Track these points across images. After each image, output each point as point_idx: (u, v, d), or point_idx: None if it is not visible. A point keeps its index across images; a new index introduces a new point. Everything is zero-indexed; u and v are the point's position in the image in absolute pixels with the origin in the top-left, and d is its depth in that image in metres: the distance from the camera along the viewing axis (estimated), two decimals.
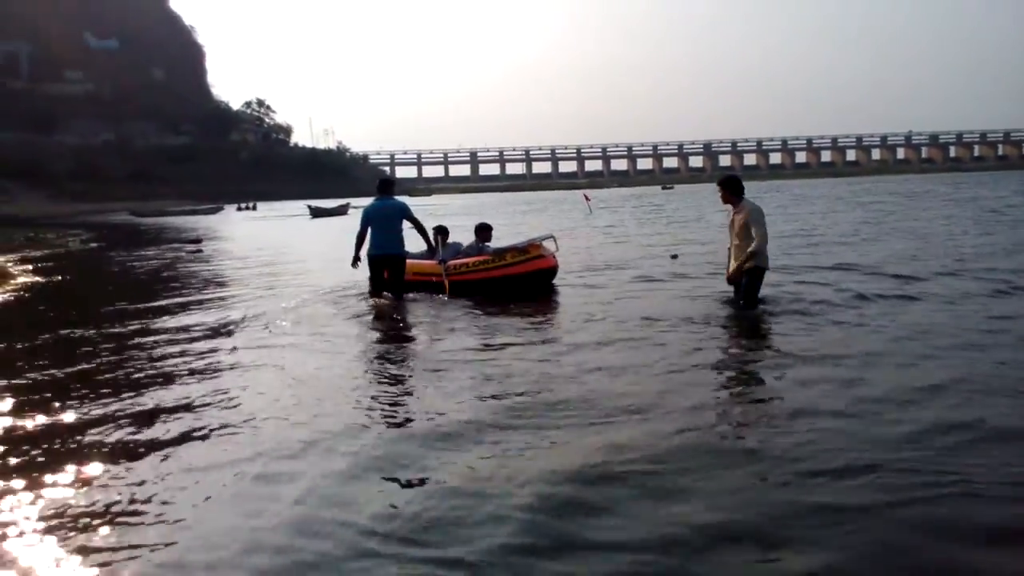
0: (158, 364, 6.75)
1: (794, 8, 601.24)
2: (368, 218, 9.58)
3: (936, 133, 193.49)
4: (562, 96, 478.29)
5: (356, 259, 9.59)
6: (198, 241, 26.16)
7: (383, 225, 9.50)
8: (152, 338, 7.95)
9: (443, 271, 9.78)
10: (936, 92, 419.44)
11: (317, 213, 49.19)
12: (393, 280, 9.55)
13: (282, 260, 17.73)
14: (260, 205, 77.84)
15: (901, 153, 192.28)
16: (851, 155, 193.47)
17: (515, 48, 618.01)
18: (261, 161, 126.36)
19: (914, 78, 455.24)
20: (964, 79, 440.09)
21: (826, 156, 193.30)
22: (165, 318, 9.34)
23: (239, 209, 70.74)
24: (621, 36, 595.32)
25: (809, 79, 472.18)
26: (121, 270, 17.76)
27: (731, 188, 7.84)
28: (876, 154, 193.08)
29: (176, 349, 7.33)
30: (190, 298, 11.21)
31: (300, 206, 58.30)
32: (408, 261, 9.81)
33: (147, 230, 39.48)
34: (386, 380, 6.07)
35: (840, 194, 47.75)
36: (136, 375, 6.37)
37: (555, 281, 10.26)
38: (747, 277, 7.76)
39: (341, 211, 51.70)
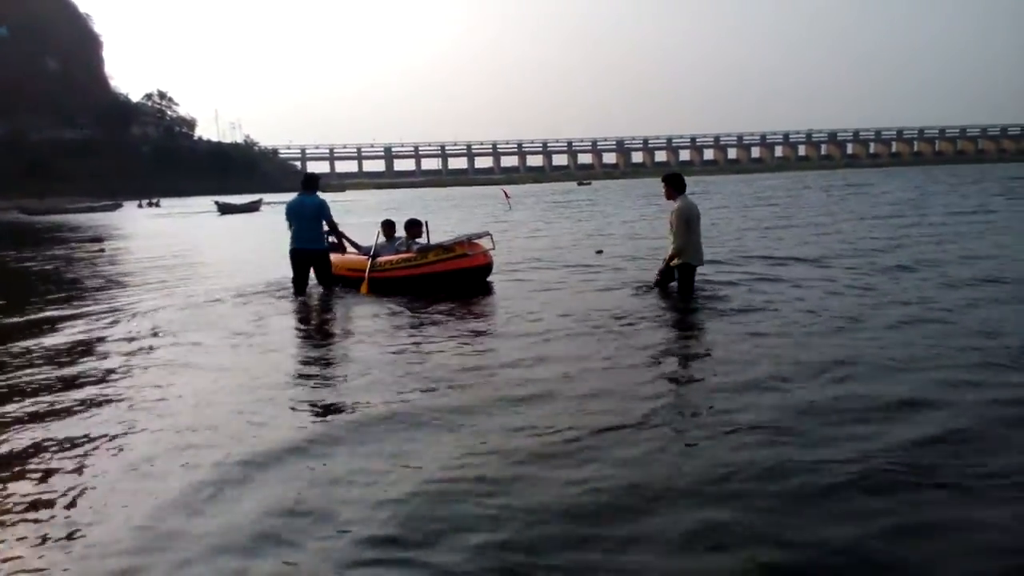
0: (62, 368, 6.41)
1: (699, 7, 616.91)
2: (288, 213, 9.85)
3: (834, 131, 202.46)
4: (476, 91, 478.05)
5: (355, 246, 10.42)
6: (99, 240, 24.96)
7: (299, 221, 9.71)
8: (52, 342, 7.55)
9: (368, 267, 9.83)
10: (835, 91, 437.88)
11: (226, 210, 47.68)
12: (318, 274, 9.84)
13: (192, 259, 16.97)
14: (164, 201, 75.08)
15: (802, 150, 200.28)
16: (756, 152, 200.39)
17: (428, 39, 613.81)
18: (164, 155, 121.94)
19: (816, 78, 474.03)
20: (864, 78, 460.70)
21: (732, 153, 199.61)
22: (68, 322, 8.78)
23: (140, 206, 68.01)
24: (533, 29, 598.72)
25: (715, 78, 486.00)
26: (16, 273, 16.63)
27: (673, 184, 8.29)
28: (779, 151, 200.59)
29: (81, 351, 7.10)
30: (92, 300, 10.62)
31: (207, 202, 56.45)
32: (342, 256, 10.29)
33: (43, 229, 37.34)
34: (287, 377, 5.91)
35: (743, 191, 49.23)
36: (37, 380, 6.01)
37: (489, 278, 10.12)
38: (679, 272, 8.22)
39: (252, 207, 50.28)
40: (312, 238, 9.71)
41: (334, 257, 10.30)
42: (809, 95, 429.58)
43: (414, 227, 10.51)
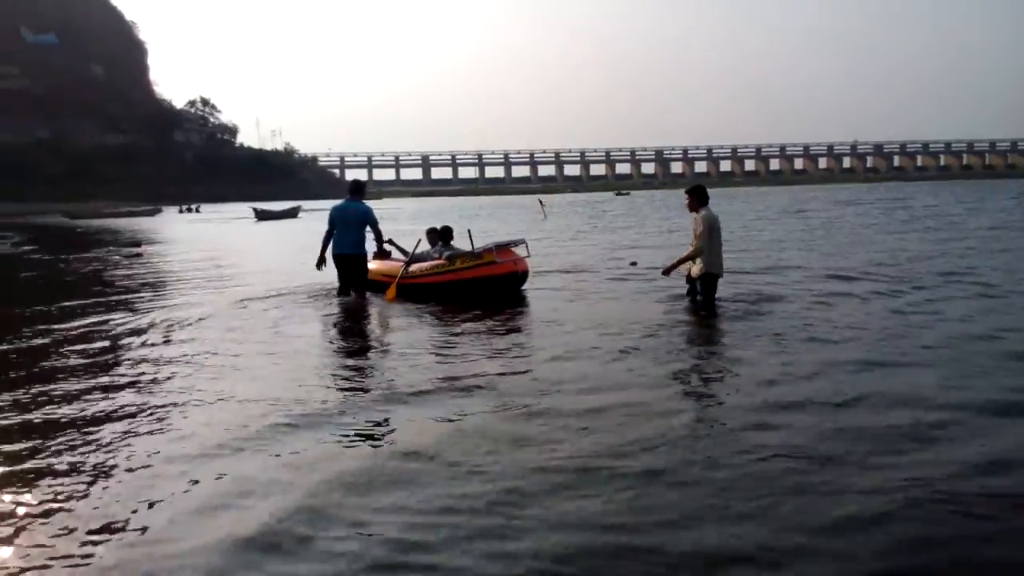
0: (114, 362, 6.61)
1: (747, 16, 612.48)
2: (332, 219, 9.85)
3: (880, 143, 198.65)
4: (513, 99, 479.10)
5: (321, 259, 9.82)
6: (138, 244, 24.73)
7: (343, 226, 9.76)
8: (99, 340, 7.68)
9: (400, 273, 9.91)
10: (882, 103, 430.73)
11: (263, 216, 47.60)
12: (355, 279, 9.86)
13: (226, 263, 16.55)
14: (204, 207, 75.59)
15: (847, 162, 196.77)
16: (799, 164, 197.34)
17: (465, 46, 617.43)
18: (206, 162, 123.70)
19: (861, 89, 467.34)
20: (909, 91, 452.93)
21: (775, 164, 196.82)
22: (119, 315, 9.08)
23: (181, 211, 68.48)
24: (571, 33, 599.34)
25: (758, 88, 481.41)
26: (63, 274, 16.24)
27: (698, 196, 8.48)
28: (823, 163, 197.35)
29: (136, 343, 7.52)
30: (142, 298, 10.79)
31: (245, 208, 56.56)
32: (382, 262, 10.47)
33: (84, 232, 37.44)
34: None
35: (786, 203, 47.79)
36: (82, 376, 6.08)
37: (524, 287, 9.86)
38: (701, 283, 8.41)
39: (291, 214, 50.17)
40: (355, 243, 9.76)
41: (376, 264, 10.40)
42: (850, 106, 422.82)
43: (446, 234, 10.53)
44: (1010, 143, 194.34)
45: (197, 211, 68.81)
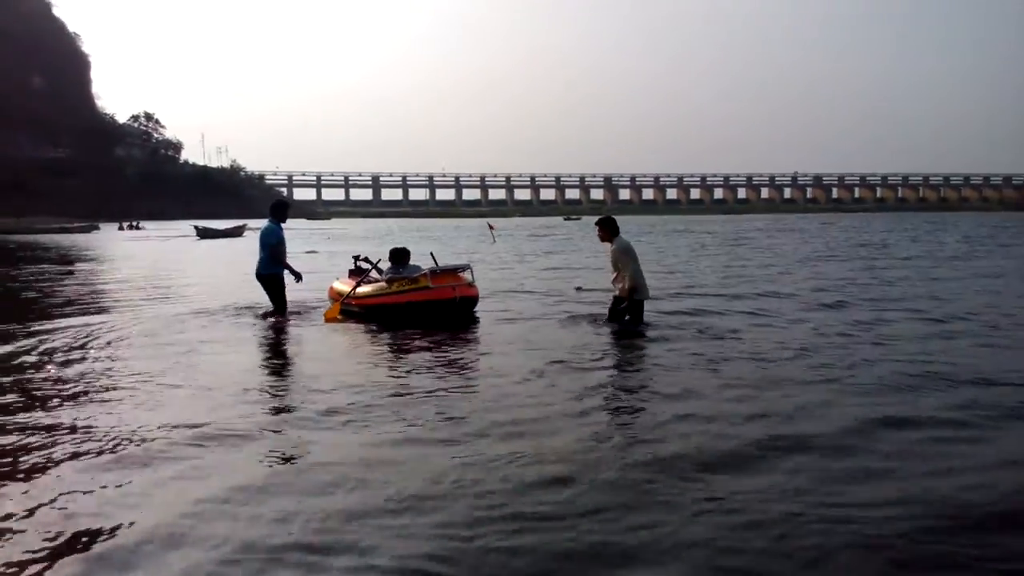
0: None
1: (691, 49, 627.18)
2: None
3: (820, 175, 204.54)
4: (465, 123, 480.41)
5: (294, 275, 10.27)
6: (70, 263, 24.04)
7: (260, 248, 10.26)
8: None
9: (347, 294, 10.21)
10: (820, 137, 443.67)
11: (205, 234, 46.80)
12: (271, 298, 10.31)
13: (161, 282, 16.20)
14: (146, 224, 73.92)
15: (788, 193, 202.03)
16: (742, 193, 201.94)
17: (416, 68, 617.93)
18: (149, 178, 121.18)
19: (802, 123, 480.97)
20: (846, 125, 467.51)
21: (719, 193, 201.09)
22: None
23: (122, 228, 66.79)
24: (522, 60, 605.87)
25: (703, 118, 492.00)
26: None
27: (608, 227, 8.97)
28: (765, 193, 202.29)
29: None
30: (65, 316, 10.44)
31: (188, 226, 55.51)
32: (342, 281, 10.87)
33: (15, 249, 36.23)
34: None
35: (734, 232, 48.86)
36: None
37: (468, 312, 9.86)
38: (630, 305, 8.85)
39: (235, 232, 49.39)
40: (261, 262, 10.21)
41: (339, 283, 10.90)
42: (792, 139, 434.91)
43: (398, 255, 10.39)
44: (943, 178, 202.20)
45: (139, 228, 67.20)
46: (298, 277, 10.25)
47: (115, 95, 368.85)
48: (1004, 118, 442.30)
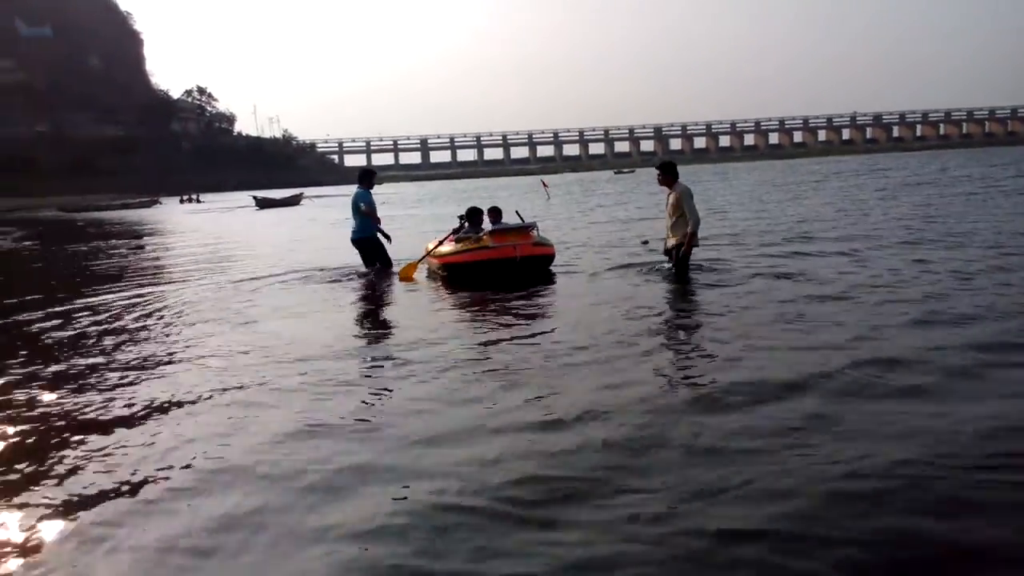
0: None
1: None
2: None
3: (880, 114, 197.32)
4: (511, 80, 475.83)
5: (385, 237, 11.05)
6: (139, 237, 24.86)
7: (353, 214, 10.95)
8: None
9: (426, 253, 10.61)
10: (880, 74, 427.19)
11: (264, 204, 47.58)
12: (371, 258, 10.97)
13: (246, 250, 16.64)
14: (205, 196, 75.46)
15: (846, 134, 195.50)
16: (798, 136, 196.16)
17: (461, 26, 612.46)
18: (204, 151, 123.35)
19: (858, 61, 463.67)
20: (907, 62, 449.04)
21: (774, 138, 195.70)
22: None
23: (182, 201, 68.38)
24: (567, 15, 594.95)
25: (758, 62, 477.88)
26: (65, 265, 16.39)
27: (667, 171, 9.01)
28: (822, 135, 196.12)
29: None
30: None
31: (246, 197, 56.48)
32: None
33: (84, 226, 37.57)
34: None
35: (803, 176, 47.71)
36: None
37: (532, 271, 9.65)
38: (688, 249, 8.82)
39: (292, 202, 50.00)
40: (356, 228, 10.91)
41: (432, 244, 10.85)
42: (847, 78, 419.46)
43: (471, 215, 10.61)
44: (1010, 110, 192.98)
45: (199, 201, 68.71)
46: (388, 238, 10.94)
47: (168, 71, 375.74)
48: None
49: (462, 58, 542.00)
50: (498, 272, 9.25)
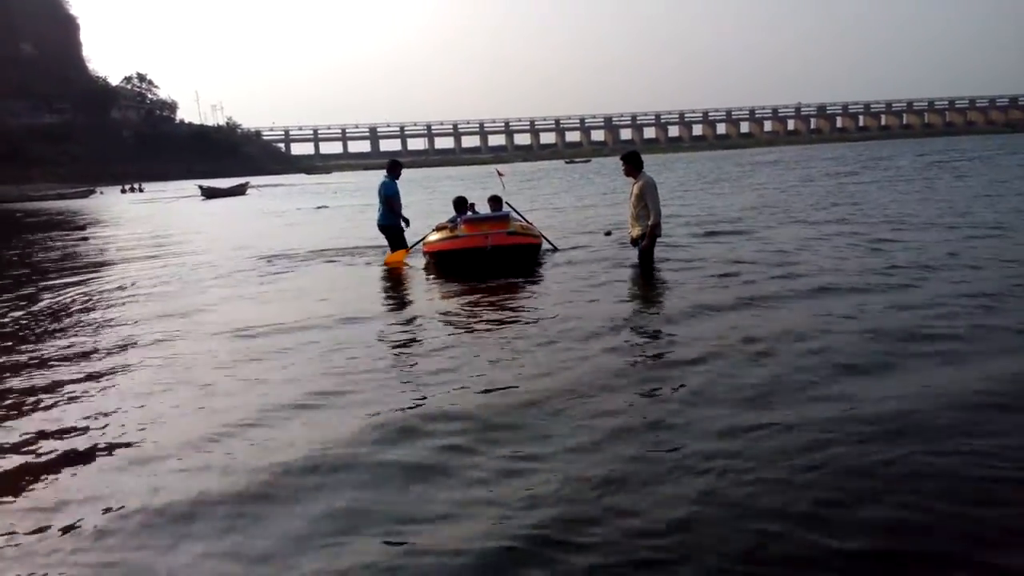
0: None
1: None
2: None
3: (823, 104, 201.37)
4: (463, 69, 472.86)
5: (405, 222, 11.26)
6: (83, 228, 24.00)
7: (379, 201, 11.16)
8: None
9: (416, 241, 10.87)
10: (824, 66, 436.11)
11: (211, 194, 46.55)
12: (392, 243, 11.21)
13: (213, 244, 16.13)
14: (147, 186, 73.50)
15: (792, 125, 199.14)
16: (745, 127, 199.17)
17: (411, 14, 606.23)
18: (145, 139, 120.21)
19: (804, 53, 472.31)
20: (851, 54, 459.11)
21: (722, 129, 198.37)
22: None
23: (124, 191, 66.40)
24: (520, 5, 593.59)
25: (702, 54, 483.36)
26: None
27: (632, 162, 8.84)
28: (768, 126, 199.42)
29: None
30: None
31: (191, 186, 55.21)
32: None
33: (22, 217, 36.12)
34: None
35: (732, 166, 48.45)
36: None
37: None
38: (651, 241, 8.84)
39: (238, 191, 49.13)
40: (381, 215, 11.15)
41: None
42: (795, 70, 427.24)
43: (461, 205, 10.80)
44: (948, 101, 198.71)
45: (140, 190, 66.85)
46: (407, 223, 11.23)
47: (107, 57, 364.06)
48: (1004, 41, 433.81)
49: (412, 47, 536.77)
50: (470, 261, 9.22)
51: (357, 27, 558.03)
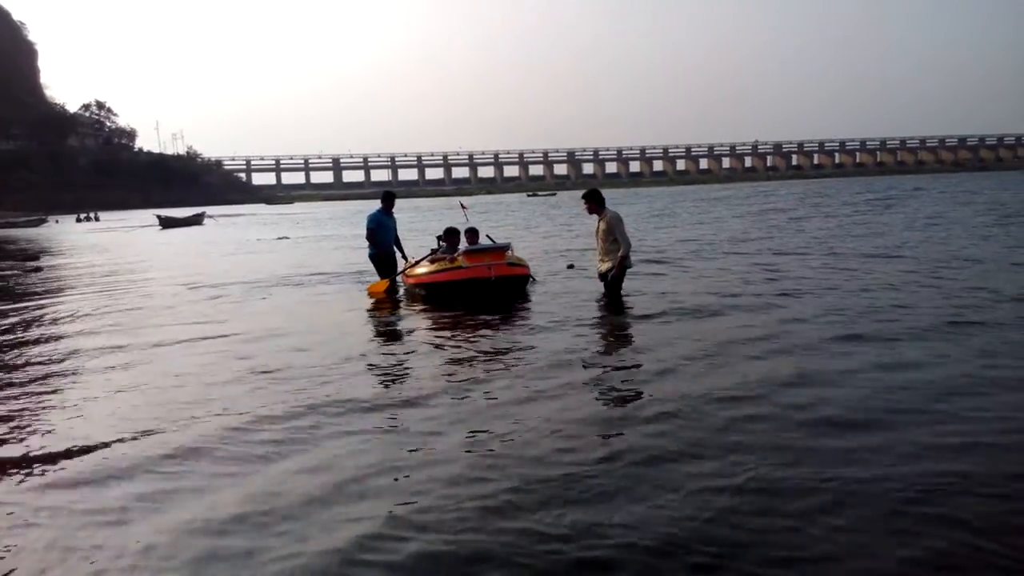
0: None
1: (657, 16, 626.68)
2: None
3: (780, 143, 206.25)
4: (427, 101, 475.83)
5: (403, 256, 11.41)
6: (36, 258, 23.51)
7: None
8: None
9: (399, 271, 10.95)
10: (784, 104, 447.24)
11: (168, 223, 45.96)
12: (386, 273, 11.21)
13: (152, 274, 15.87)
14: (103, 215, 72.30)
15: (749, 162, 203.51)
16: (704, 163, 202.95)
17: (374, 50, 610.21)
18: (103, 167, 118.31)
19: (767, 90, 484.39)
20: (809, 94, 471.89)
21: (681, 165, 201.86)
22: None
23: (79, 220, 65.25)
24: (485, 33, 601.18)
25: (664, 91, 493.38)
26: None
27: (594, 200, 9.01)
28: (726, 163, 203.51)
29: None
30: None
31: (149, 215, 54.41)
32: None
33: None
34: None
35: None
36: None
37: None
38: (620, 274, 8.98)
39: (196, 221, 48.63)
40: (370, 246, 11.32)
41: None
42: (761, 107, 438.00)
43: (451, 235, 10.67)
44: (899, 140, 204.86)
45: (97, 219, 65.73)
46: (405, 258, 11.26)
47: (65, 85, 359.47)
48: (955, 83, 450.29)
49: (375, 77, 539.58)
50: (473, 292, 9.33)
51: (320, 58, 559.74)
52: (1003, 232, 16.96)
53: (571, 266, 13.39)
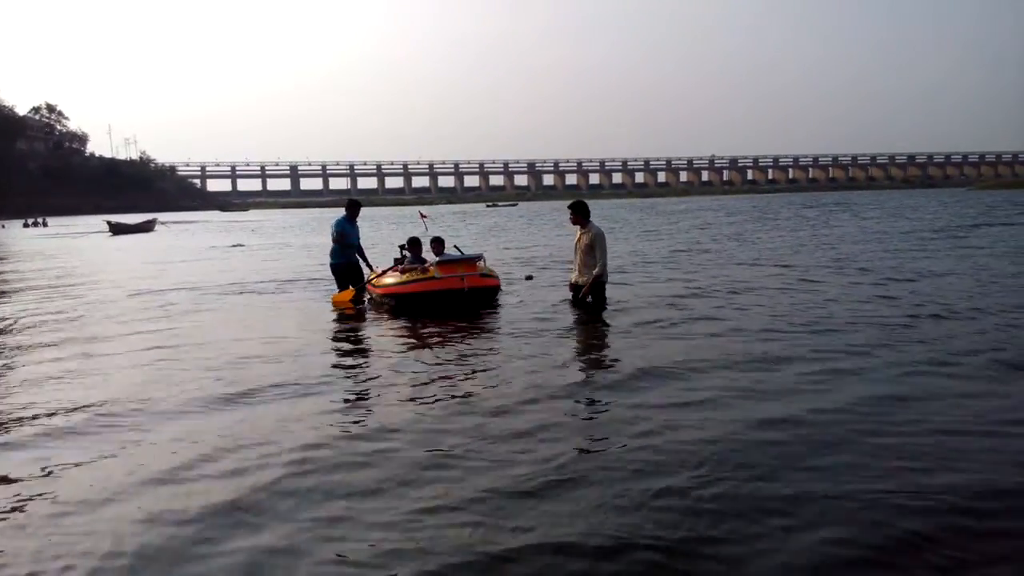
0: None
1: (624, 26, 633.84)
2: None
3: (735, 157, 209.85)
4: (387, 110, 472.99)
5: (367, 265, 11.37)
6: None
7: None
8: None
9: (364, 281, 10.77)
10: (742, 120, 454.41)
11: (118, 230, 44.94)
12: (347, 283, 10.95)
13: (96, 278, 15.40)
14: (52, 221, 70.50)
15: (705, 175, 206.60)
16: (662, 177, 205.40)
17: (334, 59, 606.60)
18: (53, 172, 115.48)
19: (728, 107, 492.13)
20: (766, 108, 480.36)
21: (639, 178, 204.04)
22: None
23: (26, 225, 63.48)
24: (447, 45, 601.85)
25: (623, 103, 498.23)
26: None
27: (580, 211, 9.04)
28: (684, 176, 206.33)
29: None
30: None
31: (99, 222, 53.18)
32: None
33: None
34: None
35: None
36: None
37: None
38: (594, 289, 8.97)
39: (147, 227, 47.72)
40: (331, 255, 11.05)
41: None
42: (716, 122, 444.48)
43: (414, 246, 10.73)
44: (851, 158, 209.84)
45: (45, 225, 64.03)
46: (369, 266, 11.25)
47: (13, 86, 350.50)
48: (903, 99, 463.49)
49: (339, 86, 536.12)
50: (446, 303, 9.29)
51: (279, 65, 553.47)
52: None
53: (530, 277, 13.25)
